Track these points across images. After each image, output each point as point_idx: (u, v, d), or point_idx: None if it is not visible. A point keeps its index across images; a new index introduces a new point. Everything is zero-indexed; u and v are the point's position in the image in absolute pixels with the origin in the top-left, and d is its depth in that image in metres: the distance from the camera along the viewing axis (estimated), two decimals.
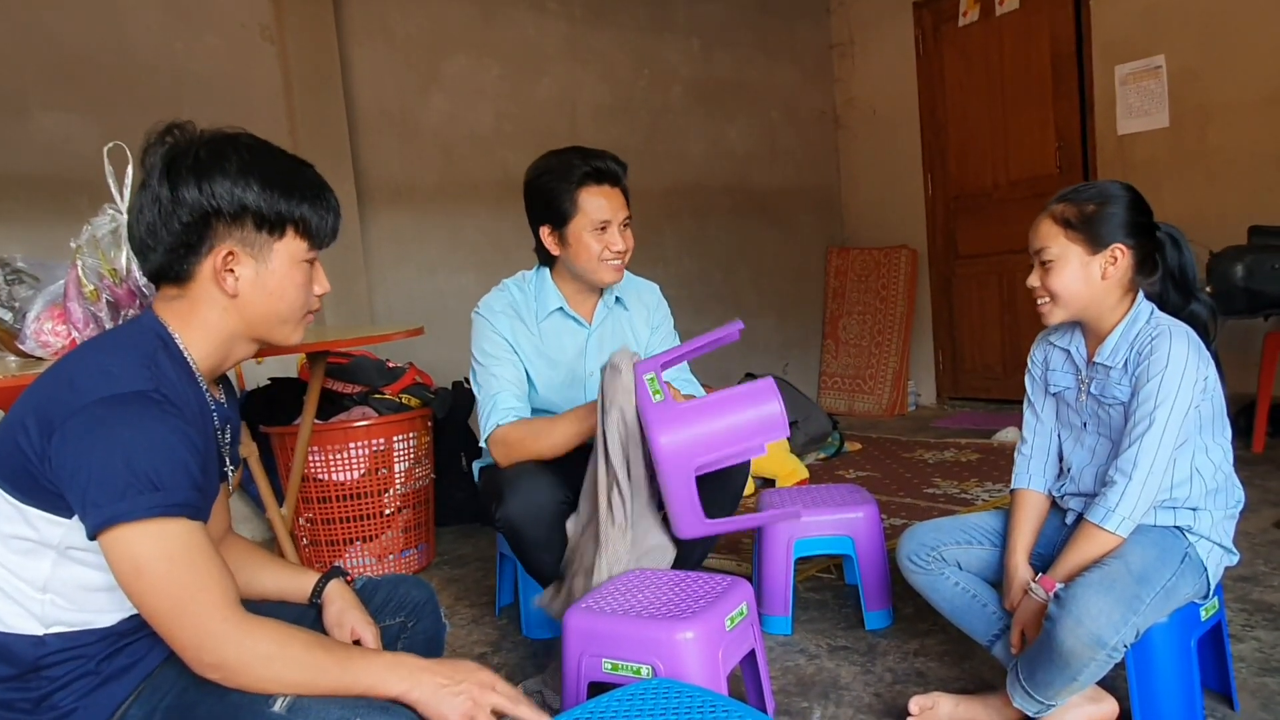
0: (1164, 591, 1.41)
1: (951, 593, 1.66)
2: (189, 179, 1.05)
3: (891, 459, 3.93)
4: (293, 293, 1.12)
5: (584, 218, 1.88)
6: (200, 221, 1.06)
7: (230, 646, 0.97)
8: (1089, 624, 1.33)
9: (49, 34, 2.99)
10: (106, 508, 0.94)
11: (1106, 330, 1.53)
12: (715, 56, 4.90)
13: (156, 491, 0.94)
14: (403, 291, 3.80)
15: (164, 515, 0.95)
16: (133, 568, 0.95)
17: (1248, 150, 3.87)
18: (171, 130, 1.09)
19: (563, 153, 1.93)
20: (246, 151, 1.08)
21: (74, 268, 1.66)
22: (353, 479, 2.65)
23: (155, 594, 0.96)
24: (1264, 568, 2.24)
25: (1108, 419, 1.54)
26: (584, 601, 1.57)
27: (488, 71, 4.06)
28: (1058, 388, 1.64)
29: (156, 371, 1.02)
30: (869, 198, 5.44)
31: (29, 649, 1.01)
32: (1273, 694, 1.66)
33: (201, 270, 1.08)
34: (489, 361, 1.93)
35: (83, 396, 0.97)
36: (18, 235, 2.84)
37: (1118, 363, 1.50)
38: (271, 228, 1.08)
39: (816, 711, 1.75)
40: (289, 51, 3.45)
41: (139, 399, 0.98)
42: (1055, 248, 1.50)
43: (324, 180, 1.15)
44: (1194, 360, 1.43)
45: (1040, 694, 1.45)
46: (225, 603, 0.98)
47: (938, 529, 1.70)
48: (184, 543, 0.97)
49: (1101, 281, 1.49)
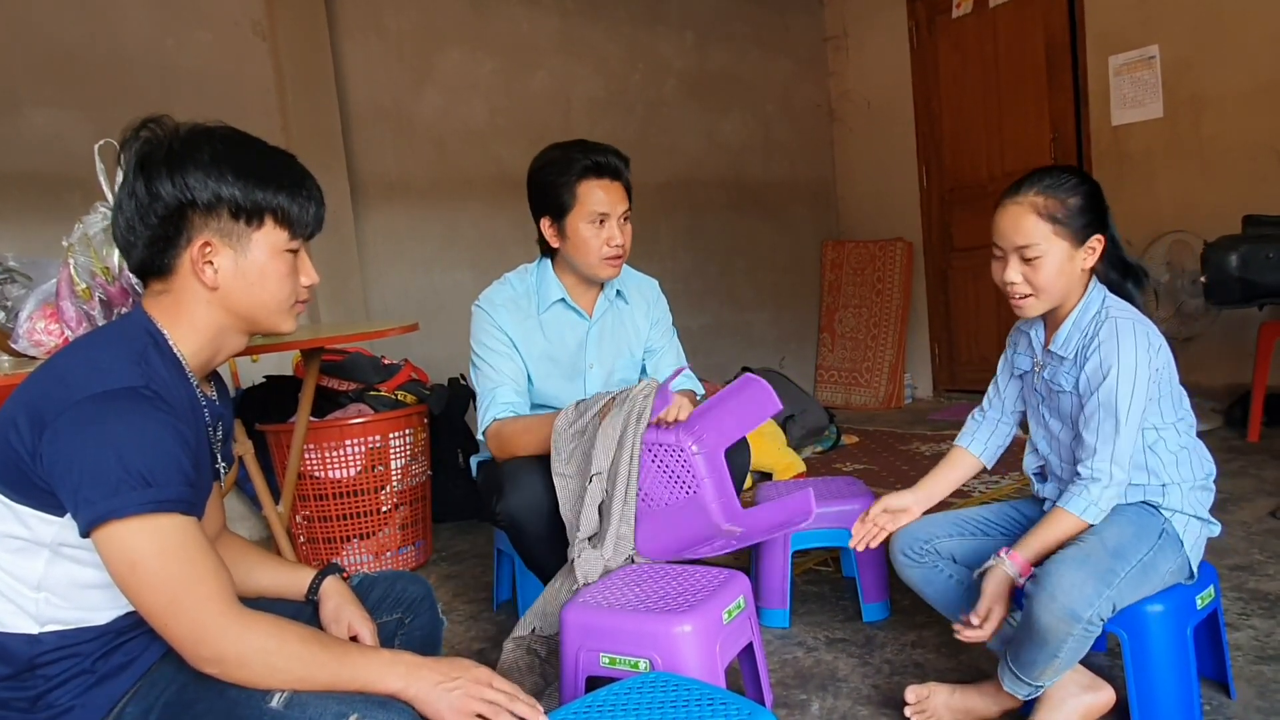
0: (1140, 566, 1.42)
1: (945, 585, 1.66)
2: (162, 172, 1.04)
3: (888, 451, 3.94)
4: (274, 283, 1.11)
5: (582, 209, 1.88)
6: (176, 214, 1.05)
7: (227, 641, 0.96)
8: (1062, 599, 1.34)
9: (39, 30, 2.98)
10: (99, 504, 0.93)
11: (1062, 317, 1.54)
12: (709, 49, 4.89)
13: (149, 487, 0.94)
14: (397, 288, 3.79)
15: (157, 511, 0.95)
16: (127, 564, 0.95)
17: (1242, 140, 3.87)
18: (147, 125, 1.08)
19: (566, 146, 1.94)
20: (221, 143, 1.07)
21: (66, 266, 1.65)
22: (349, 476, 2.65)
23: (150, 590, 0.95)
24: (1260, 556, 2.25)
25: (1056, 405, 1.57)
26: (581, 596, 1.57)
27: (481, 66, 4.05)
28: (1019, 370, 1.68)
29: (147, 368, 1.02)
30: (864, 191, 5.44)
31: (24, 647, 1.01)
32: (1268, 681, 1.67)
33: (182, 263, 1.07)
34: (488, 355, 1.93)
35: (74, 393, 0.97)
36: (9, 233, 2.83)
37: (1069, 353, 1.53)
38: (249, 217, 1.07)
39: (815, 704, 1.75)
40: (281, 47, 3.44)
41: (130, 395, 0.97)
42: (1042, 243, 1.46)
43: (304, 169, 1.14)
44: (1143, 355, 1.44)
45: (1027, 675, 1.45)
46: (221, 597, 0.97)
47: (930, 523, 1.70)
48: (178, 538, 0.96)
49: (1080, 273, 1.51)
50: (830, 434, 4.07)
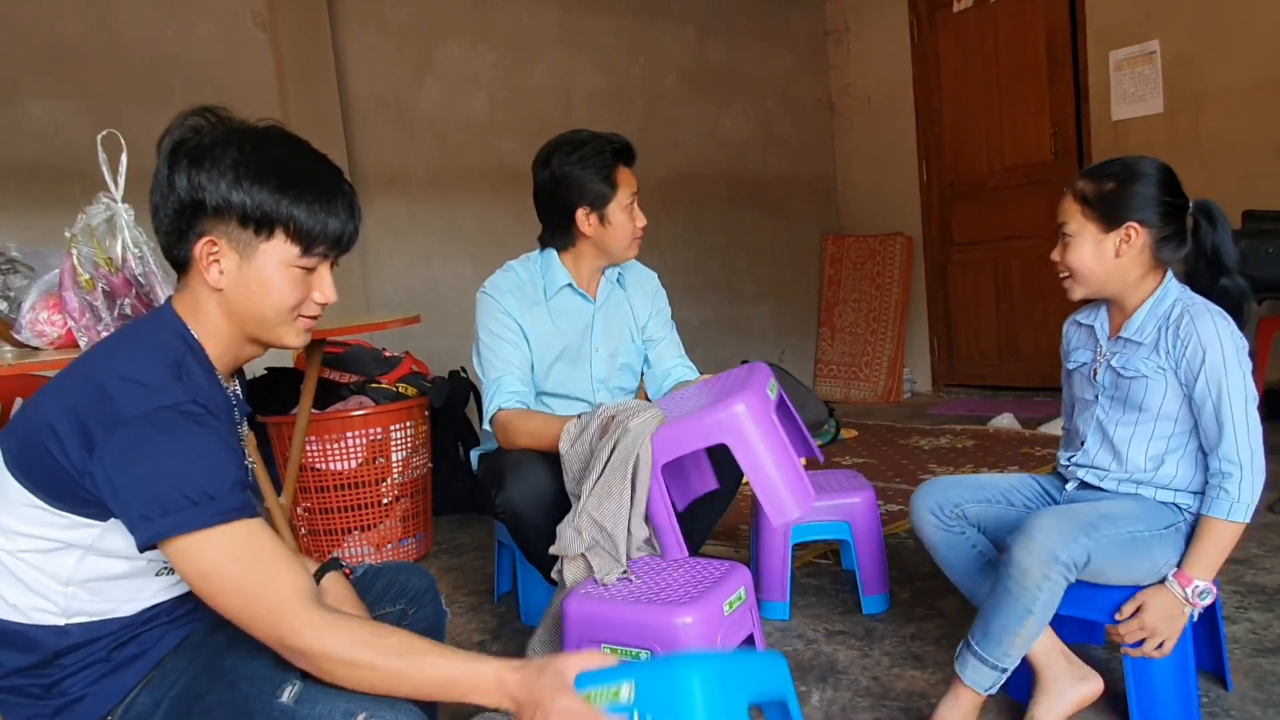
0: (1129, 536, 1.43)
1: (968, 555, 1.63)
2: (183, 165, 1.03)
3: (887, 446, 3.95)
4: (276, 296, 1.07)
5: (621, 195, 1.92)
6: (189, 209, 1.04)
7: (310, 636, 0.95)
8: (1041, 539, 1.37)
9: (39, 21, 2.97)
10: (158, 523, 0.93)
11: (1133, 307, 1.53)
12: (710, 43, 4.88)
13: (212, 500, 0.94)
14: (398, 280, 3.79)
15: (221, 523, 0.95)
16: (200, 575, 0.95)
17: (1241, 135, 3.87)
18: (201, 113, 1.07)
19: (580, 138, 1.94)
20: (252, 146, 1.05)
21: (69, 257, 1.65)
22: (350, 468, 2.65)
23: (227, 595, 0.95)
24: (1257, 550, 2.26)
25: (1125, 391, 1.53)
26: (583, 588, 1.58)
27: (482, 58, 4.04)
28: (1075, 364, 1.66)
29: (189, 379, 1.02)
30: (864, 185, 5.44)
31: (51, 639, 1.01)
32: (1265, 674, 1.68)
33: (192, 259, 1.07)
34: (494, 343, 1.94)
35: (121, 410, 0.95)
36: (11, 224, 2.83)
37: (1146, 339, 1.51)
38: (258, 227, 1.04)
39: (814, 695, 1.76)
40: (281, 38, 3.43)
41: (178, 413, 0.97)
42: (1073, 224, 1.51)
43: (343, 186, 1.10)
44: (1230, 331, 1.43)
45: (993, 651, 1.43)
46: (297, 594, 0.96)
47: (959, 485, 1.67)
48: (246, 543, 0.96)
49: (1115, 259, 1.50)
50: (830, 428, 4.08)
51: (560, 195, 1.95)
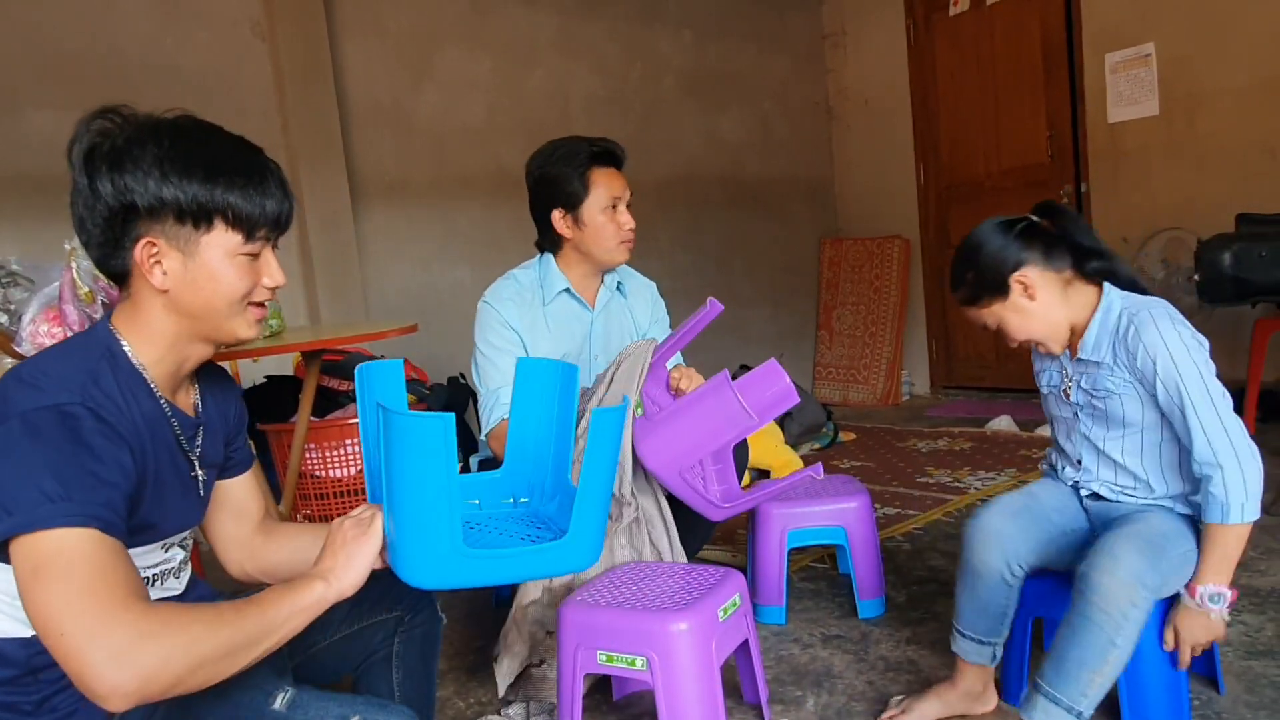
0: (1180, 557, 1.43)
1: (1002, 595, 1.59)
2: (103, 171, 0.98)
3: (886, 448, 3.96)
4: (226, 287, 1.04)
5: (596, 196, 1.92)
6: (120, 215, 0.99)
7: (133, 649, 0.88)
8: (1127, 563, 1.33)
9: (40, 32, 2.99)
10: (13, 518, 0.89)
11: (1083, 327, 1.54)
12: (707, 47, 4.90)
13: (68, 502, 0.90)
14: (397, 286, 3.81)
15: (69, 525, 0.89)
16: (30, 570, 0.89)
17: (1237, 137, 3.89)
18: (103, 115, 1.01)
19: (565, 139, 1.97)
20: (170, 138, 1.00)
21: (69, 269, 1.67)
22: (349, 475, 2.67)
23: (50, 596, 0.88)
24: (1252, 552, 2.27)
25: (1104, 410, 1.54)
26: (579, 594, 1.59)
27: (479, 64, 4.06)
28: (1047, 387, 1.67)
29: (92, 385, 0.98)
30: (862, 188, 5.45)
31: (19, 650, 1.00)
32: (1257, 677, 1.69)
33: (132, 266, 1.02)
34: (492, 354, 1.95)
35: (8, 409, 0.93)
36: (11, 236, 2.85)
37: (1104, 356, 1.51)
38: (195, 220, 1.00)
39: (810, 700, 1.77)
40: (280, 47, 3.45)
41: (54, 412, 0.93)
42: (989, 318, 1.57)
43: (266, 163, 1.06)
44: (1182, 329, 1.44)
45: (1068, 690, 1.36)
46: (129, 600, 0.90)
47: (1022, 532, 1.57)
48: (87, 550, 0.90)
49: (1035, 305, 1.52)
50: (828, 431, 4.09)
51: (539, 197, 1.98)
